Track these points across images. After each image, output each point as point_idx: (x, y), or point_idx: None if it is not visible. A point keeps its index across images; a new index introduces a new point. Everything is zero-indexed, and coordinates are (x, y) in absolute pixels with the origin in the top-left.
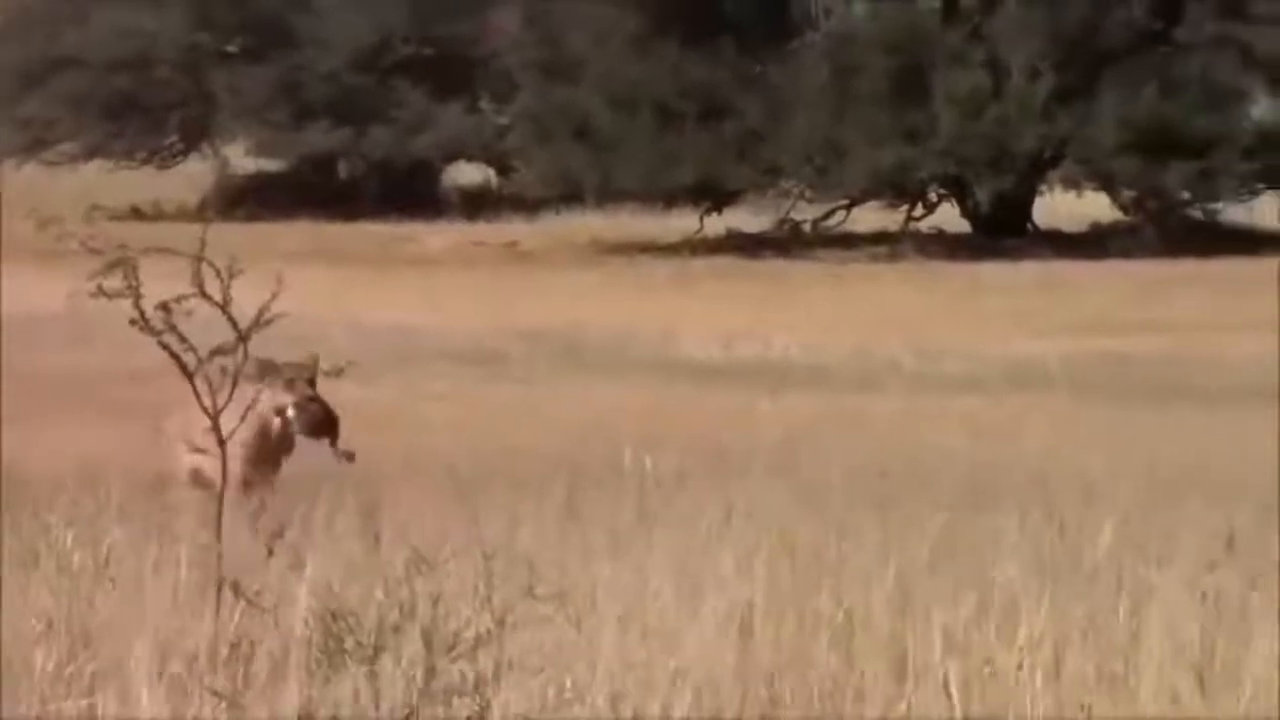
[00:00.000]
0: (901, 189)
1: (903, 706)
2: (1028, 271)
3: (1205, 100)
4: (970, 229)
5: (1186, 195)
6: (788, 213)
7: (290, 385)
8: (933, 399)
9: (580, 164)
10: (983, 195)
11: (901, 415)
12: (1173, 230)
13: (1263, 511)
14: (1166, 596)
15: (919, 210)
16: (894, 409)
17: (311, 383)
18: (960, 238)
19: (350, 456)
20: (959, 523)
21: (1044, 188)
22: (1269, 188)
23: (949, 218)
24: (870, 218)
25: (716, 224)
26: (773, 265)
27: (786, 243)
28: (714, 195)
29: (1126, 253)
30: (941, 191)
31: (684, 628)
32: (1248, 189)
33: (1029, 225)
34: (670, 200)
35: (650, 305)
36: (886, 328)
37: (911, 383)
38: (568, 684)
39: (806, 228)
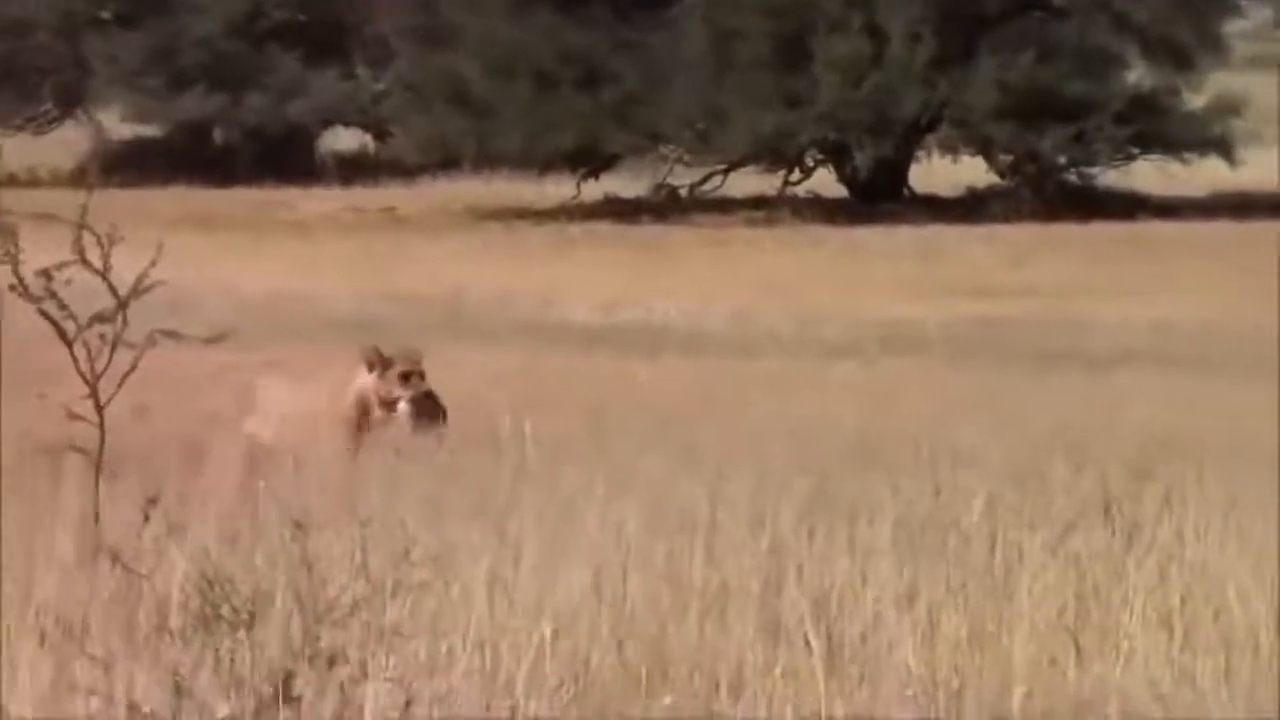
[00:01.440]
0: (780, 154)
1: (777, 670)
2: (904, 236)
3: (1081, 65)
4: (847, 194)
5: (1062, 160)
6: (665, 178)
7: (405, 380)
8: (811, 364)
9: (458, 130)
10: (862, 160)
11: (780, 381)
12: (1049, 194)
13: (1137, 475)
14: (1040, 559)
15: (796, 175)
16: (773, 374)
17: (422, 376)
18: (837, 203)
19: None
20: (835, 487)
21: (921, 153)
22: (1144, 152)
23: (825, 183)
24: (747, 183)
25: (594, 190)
26: (650, 230)
27: (664, 208)
28: (591, 161)
29: (1003, 217)
30: (819, 156)
31: (558, 593)
32: (1123, 153)
33: (905, 190)
34: (547, 166)
35: (528, 271)
36: (765, 293)
37: (790, 348)
38: (443, 649)
39: (684, 193)
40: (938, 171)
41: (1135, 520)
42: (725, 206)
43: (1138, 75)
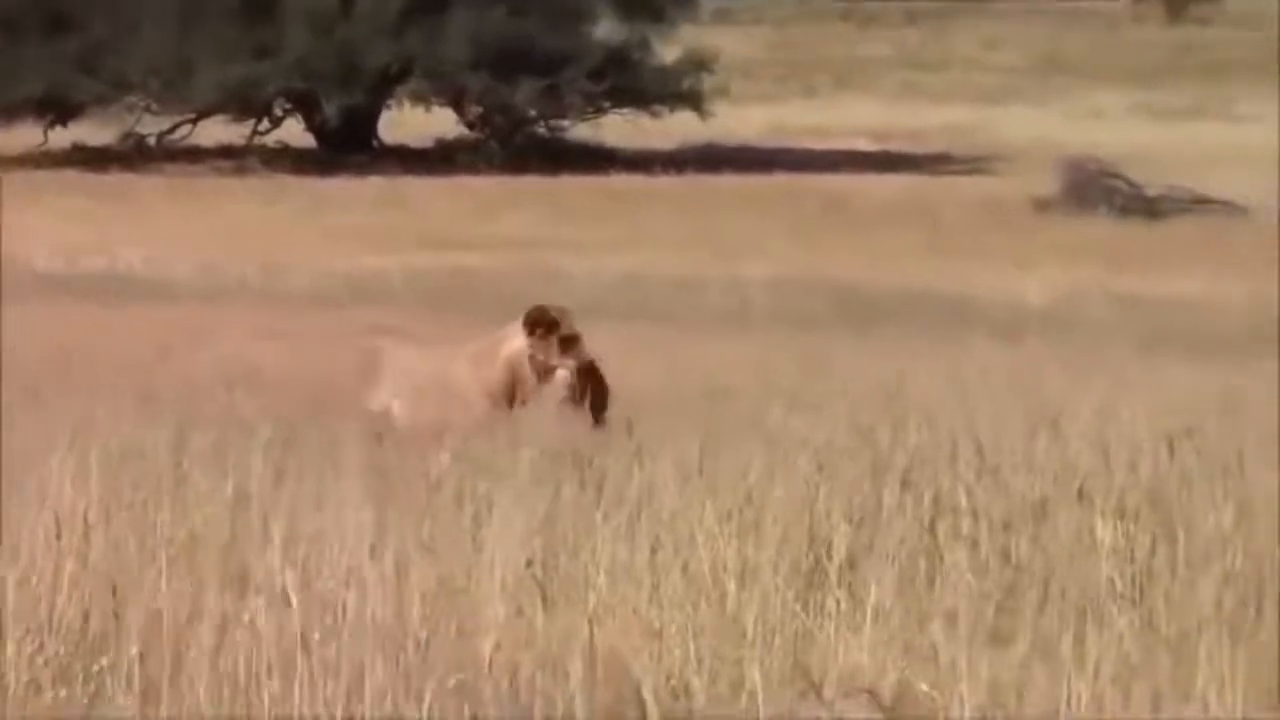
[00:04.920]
0: (248, 103)
1: (246, 619)
2: (373, 187)
3: (552, 19)
4: (316, 144)
5: (533, 112)
6: (133, 126)
7: (568, 347)
8: (279, 313)
9: None
10: (330, 110)
11: (244, 329)
12: (518, 146)
13: (609, 426)
14: (509, 511)
15: (265, 125)
16: (238, 323)
17: (581, 342)
18: (306, 153)
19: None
20: (300, 438)
21: (392, 103)
22: (615, 106)
23: (296, 133)
24: (216, 132)
25: (61, 137)
26: (118, 179)
27: (132, 156)
28: (59, 108)
29: (471, 169)
30: (287, 106)
31: (20, 540)
32: (594, 106)
33: (374, 141)
34: (14, 113)
35: None
36: (233, 242)
37: (258, 298)
38: None
39: (152, 142)
40: (407, 122)
41: (605, 472)
42: (194, 156)
43: (609, 29)
